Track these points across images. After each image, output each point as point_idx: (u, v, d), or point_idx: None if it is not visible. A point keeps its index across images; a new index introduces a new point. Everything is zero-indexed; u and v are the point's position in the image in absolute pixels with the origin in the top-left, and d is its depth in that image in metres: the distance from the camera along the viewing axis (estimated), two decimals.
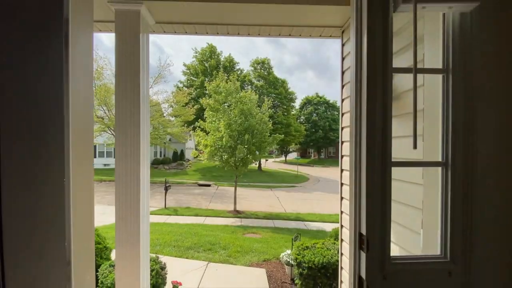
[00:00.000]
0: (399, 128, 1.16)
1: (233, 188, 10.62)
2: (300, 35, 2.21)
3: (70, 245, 0.54)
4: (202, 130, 9.91)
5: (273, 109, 20.02)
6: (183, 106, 16.19)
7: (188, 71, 23.15)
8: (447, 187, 0.77)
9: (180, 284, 3.03)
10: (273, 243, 5.08)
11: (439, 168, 0.81)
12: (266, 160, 25.29)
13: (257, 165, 20.96)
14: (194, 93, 21.08)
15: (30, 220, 0.52)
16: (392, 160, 0.77)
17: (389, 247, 0.76)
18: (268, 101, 10.45)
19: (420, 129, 0.92)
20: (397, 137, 1.13)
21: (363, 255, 0.76)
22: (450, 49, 0.77)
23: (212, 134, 9.18)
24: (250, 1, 1.65)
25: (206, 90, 12.33)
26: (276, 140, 9.80)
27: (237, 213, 9.75)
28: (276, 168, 23.77)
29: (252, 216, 9.31)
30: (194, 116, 16.57)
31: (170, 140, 19.37)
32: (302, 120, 28.96)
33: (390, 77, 0.74)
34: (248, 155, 9.35)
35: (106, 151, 19.76)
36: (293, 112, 26.85)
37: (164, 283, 2.59)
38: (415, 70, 0.69)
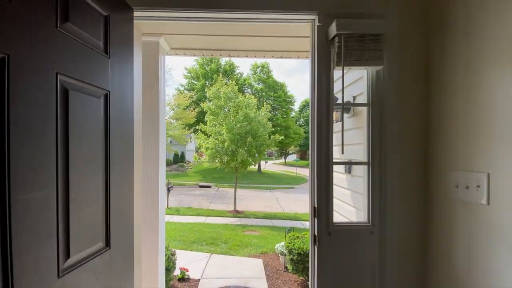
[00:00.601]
0: (357, 136, 1.61)
1: (233, 189, 11.05)
2: (289, 57, 2.68)
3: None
4: (203, 133, 10.35)
5: (272, 112, 20.50)
6: (184, 109, 16.67)
7: (189, 74, 23.65)
8: (369, 178, 1.23)
9: (187, 270, 3.48)
10: (270, 239, 5.51)
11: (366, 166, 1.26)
12: (266, 162, 25.70)
13: (257, 167, 21.37)
14: (195, 96, 21.56)
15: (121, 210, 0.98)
16: (334, 160, 1.23)
17: (332, 215, 1.21)
18: (266, 104, 10.88)
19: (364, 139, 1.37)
20: (355, 144, 1.59)
21: (316, 220, 1.21)
22: (371, 89, 1.24)
23: (213, 137, 9.62)
24: (246, 35, 2.12)
25: (206, 93, 12.78)
26: (274, 140, 10.22)
27: (237, 213, 10.16)
28: (275, 170, 24.19)
29: (251, 216, 9.72)
30: (195, 119, 17.03)
31: (171, 142, 19.84)
32: (301, 122, 29.41)
33: (331, 108, 1.20)
34: (248, 158, 9.78)
35: None
36: (293, 114, 27.32)
37: (174, 268, 3.03)
38: (342, 105, 1.16)
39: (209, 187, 17.25)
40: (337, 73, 1.20)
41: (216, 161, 10.04)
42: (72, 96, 0.79)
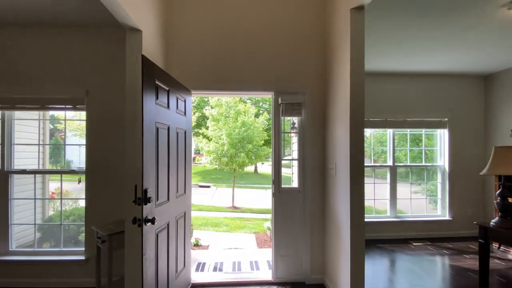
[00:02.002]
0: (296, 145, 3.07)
1: (231, 189, 12.45)
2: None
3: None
4: (205, 137, 11.74)
5: (271, 118, 21.88)
6: None
7: None
8: (299, 167, 2.71)
9: (200, 239, 4.92)
10: (262, 225, 6.96)
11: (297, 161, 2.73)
12: (262, 164, 27.07)
13: (254, 169, 22.77)
14: (195, 101, 22.96)
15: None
16: (283, 158, 2.70)
17: (281, 183, 2.68)
18: (263, 113, 12.28)
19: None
20: (294, 150, 3.06)
21: (273, 186, 2.69)
22: (299, 124, 2.71)
23: (214, 142, 11.03)
24: (242, 92, 3.58)
25: (206, 98, 14.11)
26: (266, 151, 11.46)
27: (235, 209, 11.57)
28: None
29: (247, 211, 11.14)
30: (195, 123, 18.43)
31: None
32: None
33: (281, 133, 2.68)
34: (246, 160, 11.18)
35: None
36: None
37: (191, 235, 4.46)
38: (279, 135, 2.64)
39: (209, 187, 18.63)
40: (287, 117, 2.68)
41: (217, 163, 11.43)
42: (169, 130, 2.26)
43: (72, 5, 2.23)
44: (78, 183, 2.68)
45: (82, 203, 3.27)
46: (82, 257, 2.60)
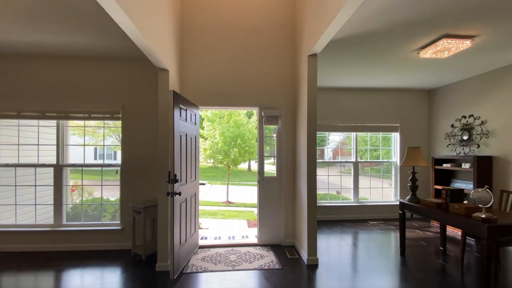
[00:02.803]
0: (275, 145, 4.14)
1: (226, 186, 13.47)
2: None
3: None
4: (201, 136, 12.77)
5: None
6: None
7: None
8: (277, 161, 3.77)
9: (200, 223, 5.97)
10: (254, 215, 8.04)
11: (275, 158, 3.80)
12: (256, 162, 28.11)
13: (247, 167, 23.83)
14: None
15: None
16: (265, 155, 3.77)
17: (263, 173, 3.74)
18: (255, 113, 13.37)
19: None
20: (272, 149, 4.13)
21: (258, 175, 3.75)
22: (277, 131, 3.78)
23: (210, 140, 12.07)
24: (236, 107, 4.61)
25: None
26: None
27: (229, 203, 12.61)
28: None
29: (241, 205, 12.19)
30: None
31: None
32: None
33: (264, 137, 3.73)
34: (239, 157, 12.24)
35: (106, 154, 22.33)
36: None
37: None
38: (262, 138, 3.71)
39: (204, 184, 19.60)
40: (270, 127, 3.74)
41: (212, 160, 12.45)
42: (187, 137, 3.30)
43: (117, 44, 3.24)
44: (116, 173, 3.69)
45: (98, 194, 4.30)
46: (119, 227, 3.62)
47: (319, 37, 2.67)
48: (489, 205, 2.40)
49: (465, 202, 2.98)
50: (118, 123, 3.71)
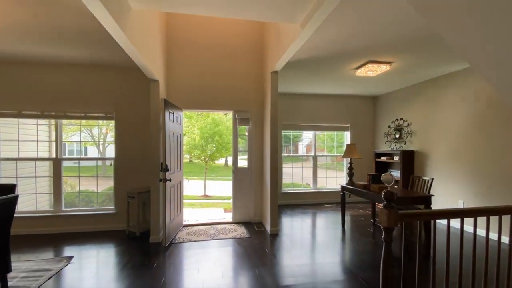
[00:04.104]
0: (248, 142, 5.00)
1: (203, 181, 14.09)
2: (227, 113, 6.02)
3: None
4: None
5: None
6: None
7: None
8: (248, 155, 4.64)
9: None
10: (231, 206, 8.87)
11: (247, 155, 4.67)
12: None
13: (224, 162, 24.51)
14: None
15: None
16: (238, 150, 4.62)
17: (237, 164, 4.60)
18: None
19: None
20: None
21: (233, 166, 4.59)
22: (248, 130, 4.64)
23: (187, 136, 12.61)
24: (214, 110, 5.38)
25: None
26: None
27: (206, 197, 13.29)
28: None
29: (218, 198, 12.94)
30: None
31: None
32: None
33: (237, 135, 4.58)
34: (216, 152, 12.92)
35: (76, 150, 21.73)
36: None
37: None
38: (236, 136, 4.56)
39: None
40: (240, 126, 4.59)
41: (189, 155, 13.01)
42: (174, 135, 4.06)
43: (114, 56, 3.88)
44: (110, 165, 4.33)
45: (89, 188, 4.90)
46: (113, 211, 4.28)
47: (279, 60, 3.56)
48: (391, 184, 3.47)
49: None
50: (110, 122, 4.34)
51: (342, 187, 4.50)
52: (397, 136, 5.72)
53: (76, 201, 5.56)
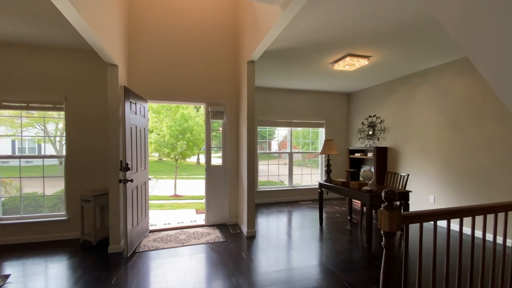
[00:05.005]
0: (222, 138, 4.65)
1: (173, 180, 13.36)
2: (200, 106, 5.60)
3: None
4: None
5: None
6: None
7: None
8: (223, 151, 4.28)
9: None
10: (203, 206, 8.41)
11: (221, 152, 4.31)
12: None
13: (196, 160, 23.67)
14: None
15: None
16: (212, 146, 4.24)
17: (210, 162, 4.22)
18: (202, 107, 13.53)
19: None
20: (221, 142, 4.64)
21: (206, 164, 4.21)
22: (222, 125, 4.28)
23: (155, 133, 11.80)
24: (184, 102, 4.92)
25: None
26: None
27: (177, 197, 12.60)
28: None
29: (189, 198, 12.32)
30: None
31: None
32: None
33: (211, 130, 4.20)
34: (187, 150, 12.27)
35: (29, 147, 19.43)
36: None
37: None
38: (209, 131, 4.18)
39: (149, 179, 18.84)
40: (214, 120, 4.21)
41: (157, 154, 12.22)
42: (136, 128, 3.57)
43: (61, 34, 3.27)
44: (60, 164, 3.69)
45: (37, 190, 4.21)
46: (65, 218, 3.66)
47: (255, 48, 3.26)
48: (371, 181, 3.38)
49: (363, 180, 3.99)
50: (60, 113, 3.70)
51: (320, 184, 4.36)
52: (371, 132, 5.76)
53: (20, 207, 4.76)
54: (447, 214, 1.46)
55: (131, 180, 3.07)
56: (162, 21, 3.91)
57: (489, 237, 3.44)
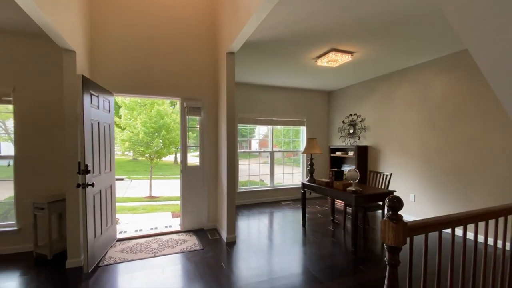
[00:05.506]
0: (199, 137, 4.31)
1: (148, 180, 12.64)
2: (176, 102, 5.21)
3: None
4: (117, 126, 11.44)
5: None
6: None
7: None
8: (200, 150, 3.96)
9: (118, 219, 5.60)
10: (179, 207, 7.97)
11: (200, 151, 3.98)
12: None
13: (173, 159, 22.81)
14: None
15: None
16: (188, 145, 3.89)
17: (186, 162, 3.87)
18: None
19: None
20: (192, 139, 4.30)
21: (181, 164, 3.85)
22: (199, 121, 3.95)
23: (128, 130, 11.04)
24: (156, 96, 4.50)
25: None
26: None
27: (152, 198, 11.94)
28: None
29: (166, 199, 11.71)
30: None
31: None
32: None
33: (186, 127, 3.85)
34: (163, 149, 11.62)
35: None
36: None
37: None
38: (185, 129, 3.84)
39: (122, 179, 17.79)
40: (190, 117, 3.86)
41: (131, 153, 11.47)
42: (99, 125, 3.14)
43: (5, 14, 2.76)
44: (8, 166, 3.15)
45: None
46: (15, 228, 3.14)
47: (236, 37, 2.97)
48: (356, 181, 3.24)
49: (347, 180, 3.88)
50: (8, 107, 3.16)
51: (303, 185, 4.18)
52: (351, 131, 5.71)
53: None
54: (458, 221, 1.29)
55: (92, 184, 2.66)
56: (132, 6, 3.49)
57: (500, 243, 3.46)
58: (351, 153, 5.43)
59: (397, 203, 1.15)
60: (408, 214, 4.44)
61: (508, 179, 3.22)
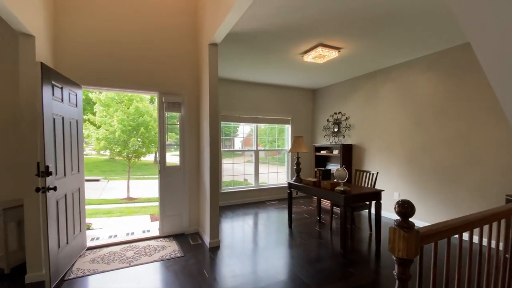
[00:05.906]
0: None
1: (125, 181, 11.95)
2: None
3: None
4: (91, 123, 10.67)
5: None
6: None
7: None
8: (180, 149, 3.67)
9: (91, 224, 5.15)
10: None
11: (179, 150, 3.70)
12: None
13: (153, 159, 21.98)
14: None
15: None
16: (167, 143, 3.60)
17: (165, 162, 3.58)
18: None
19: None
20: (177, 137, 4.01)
21: (159, 164, 3.56)
22: (180, 118, 3.67)
23: (104, 128, 10.36)
24: (130, 90, 4.15)
25: None
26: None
27: (130, 200, 11.33)
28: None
29: (145, 201, 11.17)
30: None
31: None
32: None
33: (165, 125, 3.55)
34: (142, 148, 11.01)
35: None
36: None
37: None
38: (163, 126, 3.54)
39: (98, 180, 16.82)
40: (169, 113, 3.57)
41: (107, 152, 10.78)
42: (64, 120, 2.79)
43: None
44: None
45: None
46: None
47: (218, 27, 2.74)
48: (345, 180, 3.14)
49: (335, 180, 3.77)
50: None
51: (289, 185, 4.03)
52: (336, 129, 5.66)
53: None
54: (471, 223, 1.17)
55: (54, 188, 2.32)
56: None
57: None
58: (336, 152, 5.37)
59: (409, 208, 1.00)
60: (393, 213, 4.43)
61: (492, 176, 3.26)
